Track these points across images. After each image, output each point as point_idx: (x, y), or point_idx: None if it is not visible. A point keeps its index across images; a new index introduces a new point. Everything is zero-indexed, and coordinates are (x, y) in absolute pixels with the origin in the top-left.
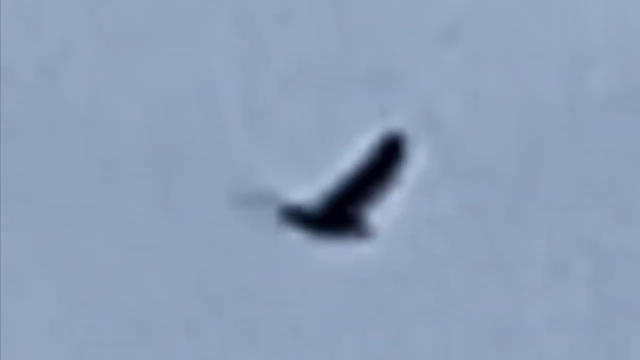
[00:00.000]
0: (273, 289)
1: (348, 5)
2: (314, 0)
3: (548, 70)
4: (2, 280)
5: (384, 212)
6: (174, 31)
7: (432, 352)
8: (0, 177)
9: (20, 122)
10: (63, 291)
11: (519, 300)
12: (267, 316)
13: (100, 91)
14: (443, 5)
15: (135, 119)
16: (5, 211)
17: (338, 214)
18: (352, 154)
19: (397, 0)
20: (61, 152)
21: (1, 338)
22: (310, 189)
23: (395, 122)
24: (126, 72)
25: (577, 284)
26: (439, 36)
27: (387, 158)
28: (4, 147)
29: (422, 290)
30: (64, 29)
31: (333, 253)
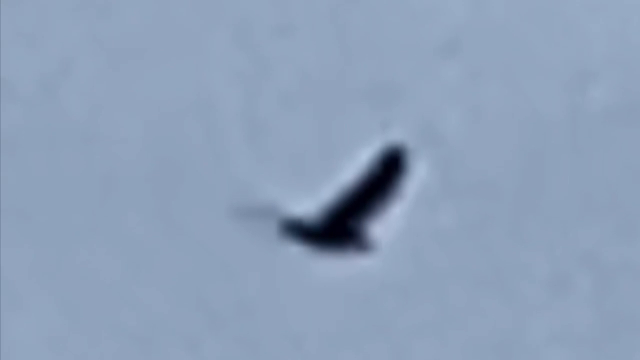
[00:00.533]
0: (273, 302)
1: (348, 19)
2: (314, 14)
3: (549, 84)
4: (1, 294)
5: (385, 226)
6: (173, 45)
7: None
8: (0, 191)
9: (20, 137)
10: (63, 306)
11: (520, 315)
12: (268, 330)
13: (100, 106)
14: (444, 19)
15: (135, 133)
16: (5, 225)
17: (338, 228)
18: (352, 168)
19: (397, 14)
20: (61, 166)
21: (1, 353)
22: (311, 203)
23: (395, 136)
24: (126, 86)
25: (579, 299)
26: (439, 50)
27: (387, 172)
28: (3, 161)
29: (423, 304)
30: (64, 44)
31: (333, 266)
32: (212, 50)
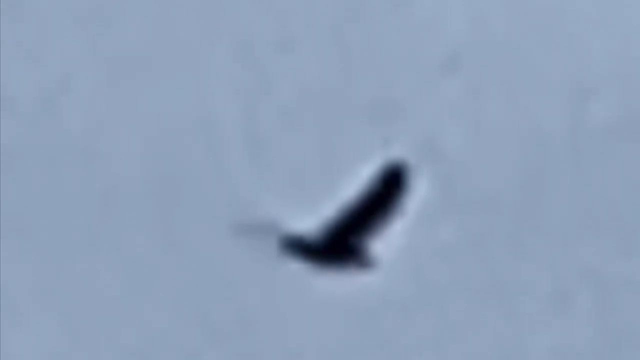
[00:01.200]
0: (274, 319)
1: (349, 35)
2: (314, 30)
3: (550, 100)
4: (1, 310)
5: (386, 242)
6: (174, 61)
7: None
8: (0, 206)
9: (20, 152)
10: (63, 322)
11: (521, 331)
12: (268, 346)
13: (100, 122)
14: (444, 35)
15: (135, 148)
16: (5, 242)
17: (339, 244)
18: (353, 184)
19: (398, 29)
20: (61, 181)
21: None
22: (312, 219)
23: (396, 152)
24: (126, 103)
25: (580, 315)
26: (440, 66)
27: (388, 188)
28: (3, 177)
29: (424, 321)
30: (64, 60)
31: (334, 283)
32: (212, 66)
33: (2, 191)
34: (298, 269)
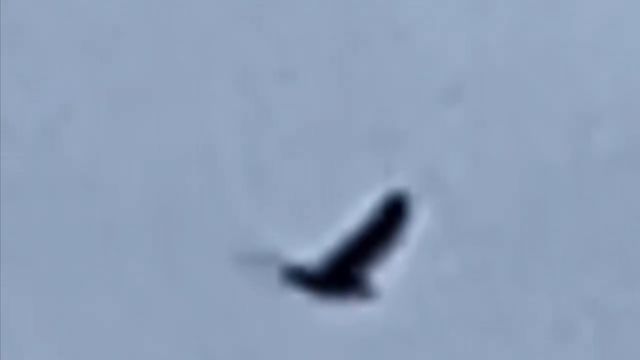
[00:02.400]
0: (276, 349)
1: (351, 65)
2: (315, 59)
3: (552, 130)
4: (2, 342)
5: (387, 273)
6: (174, 91)
7: None
8: (0, 237)
9: (20, 183)
10: (63, 354)
11: None
12: None
13: (100, 152)
14: (446, 65)
15: (135, 179)
16: (5, 272)
17: (341, 275)
18: (355, 214)
19: (399, 59)
20: (61, 212)
21: None
22: (313, 249)
23: (398, 182)
24: (126, 133)
25: (582, 346)
26: (442, 96)
27: (390, 218)
28: (3, 207)
29: (426, 352)
30: (64, 90)
31: (336, 314)
32: (213, 96)
33: (2, 221)
34: (299, 299)
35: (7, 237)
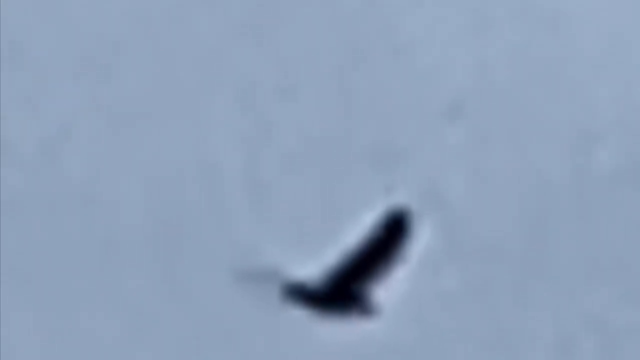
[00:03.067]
0: None
1: (352, 81)
2: (317, 76)
3: (554, 147)
4: (2, 358)
5: (388, 289)
6: (174, 108)
7: None
8: (0, 254)
9: (20, 200)
10: None
11: None
12: None
13: (101, 169)
14: (447, 82)
15: (136, 196)
16: (5, 290)
17: (342, 291)
18: (356, 231)
19: (401, 76)
20: (62, 229)
21: None
22: (314, 266)
23: (399, 199)
24: (127, 150)
25: None
26: (443, 113)
27: (391, 235)
28: (4, 224)
29: None
30: (64, 108)
31: (337, 330)
32: (214, 113)
33: (3, 239)
34: (300, 315)
35: (7, 253)
